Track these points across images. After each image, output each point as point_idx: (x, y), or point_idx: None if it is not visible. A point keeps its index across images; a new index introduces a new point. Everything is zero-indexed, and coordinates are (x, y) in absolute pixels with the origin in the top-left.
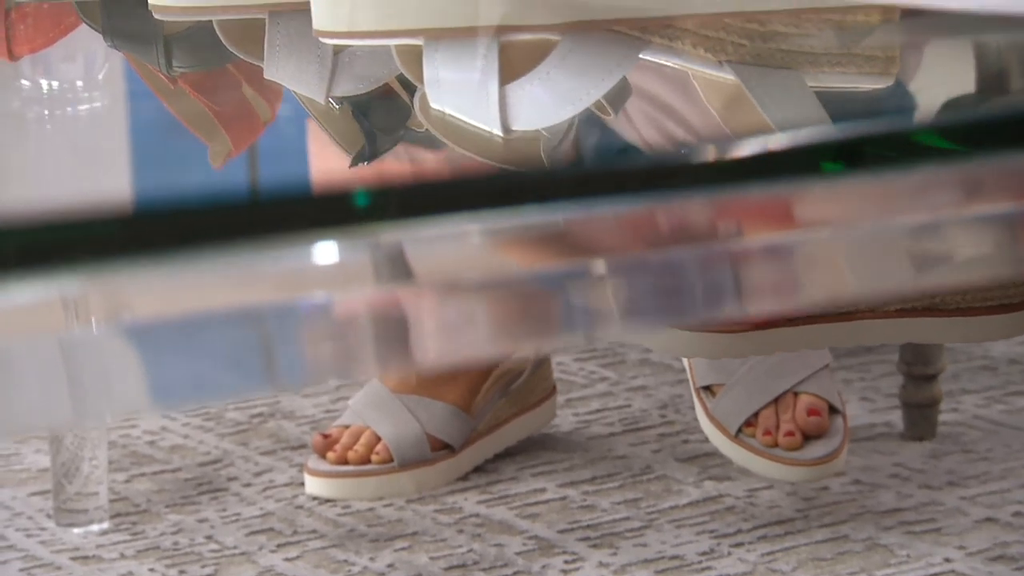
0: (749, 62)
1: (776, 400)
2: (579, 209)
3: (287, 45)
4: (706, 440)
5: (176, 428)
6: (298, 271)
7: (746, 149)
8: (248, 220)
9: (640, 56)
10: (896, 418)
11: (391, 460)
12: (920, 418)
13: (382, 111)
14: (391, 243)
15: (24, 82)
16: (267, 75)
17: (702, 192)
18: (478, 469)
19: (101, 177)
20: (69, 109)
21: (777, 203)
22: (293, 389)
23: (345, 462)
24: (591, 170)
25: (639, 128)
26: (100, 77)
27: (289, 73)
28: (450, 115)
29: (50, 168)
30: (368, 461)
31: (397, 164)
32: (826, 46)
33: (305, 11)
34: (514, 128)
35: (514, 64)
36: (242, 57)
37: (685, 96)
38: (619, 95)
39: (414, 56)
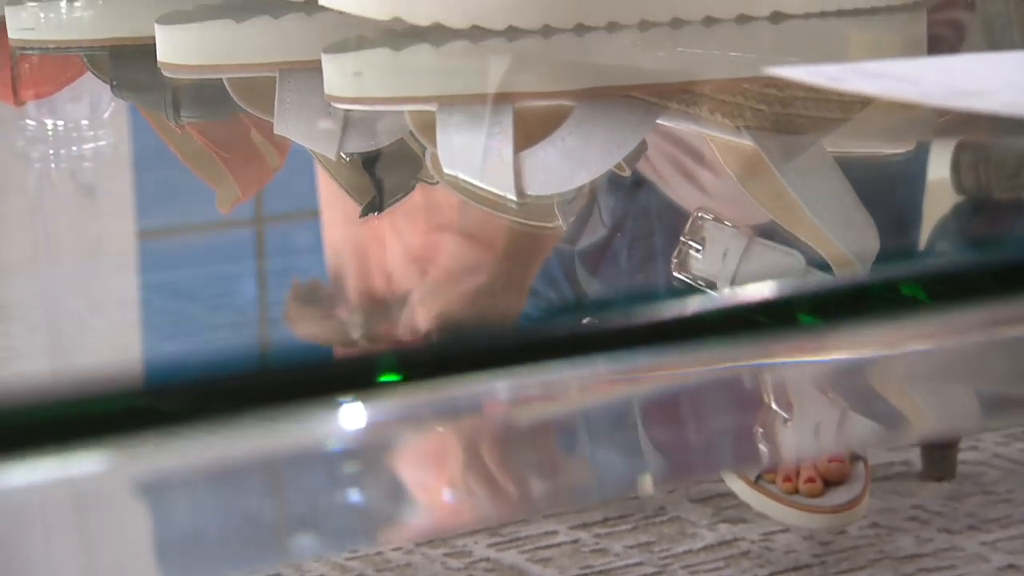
0: (767, 128)
1: None
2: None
3: (297, 102)
4: (720, 480)
5: None
6: (320, 436)
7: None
8: (267, 387)
9: (657, 121)
10: (915, 456)
11: None
12: (939, 457)
13: (393, 162)
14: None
15: (29, 122)
16: (277, 131)
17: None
18: None
19: (106, 221)
20: (75, 148)
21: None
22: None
23: None
24: (611, 326)
25: (657, 184)
26: (106, 116)
27: (299, 130)
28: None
29: (54, 214)
30: None
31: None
32: (845, 111)
33: (316, 69)
34: (529, 193)
35: (529, 130)
36: (252, 112)
37: (702, 159)
38: (635, 153)
39: (427, 119)
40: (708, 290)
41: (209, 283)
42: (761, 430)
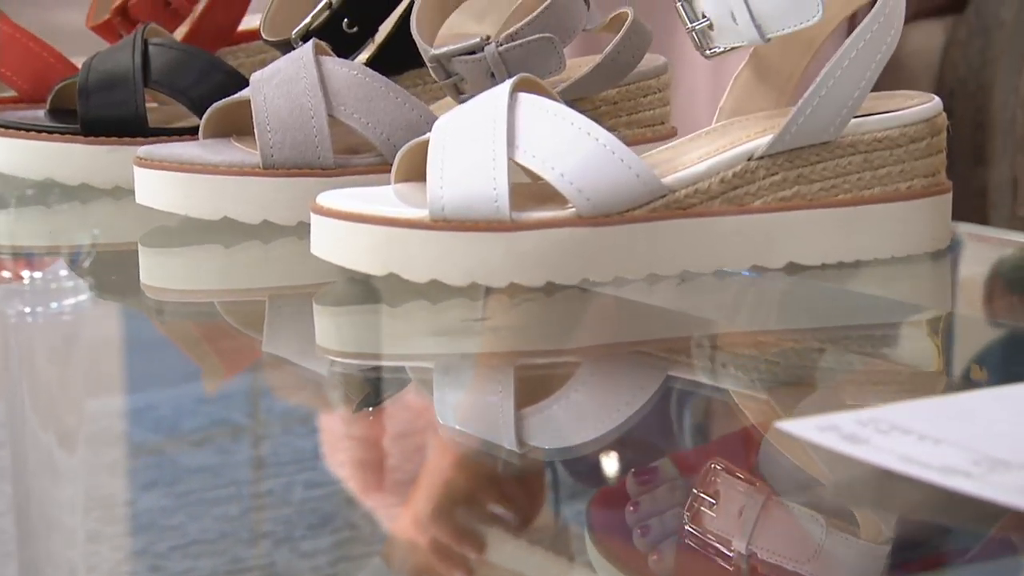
0: (782, 380)
1: None
2: None
3: (287, 325)
4: None
5: None
6: None
7: None
8: None
9: (667, 375)
10: None
11: None
12: None
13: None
14: None
15: (3, 273)
16: (266, 349)
17: None
18: None
19: (96, 400)
20: (54, 305)
21: None
22: None
23: None
24: None
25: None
26: (86, 265)
27: (290, 350)
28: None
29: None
30: None
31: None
32: (865, 364)
33: (305, 294)
34: (531, 445)
35: (532, 386)
36: (240, 329)
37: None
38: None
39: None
40: (722, 547)
41: None
42: None
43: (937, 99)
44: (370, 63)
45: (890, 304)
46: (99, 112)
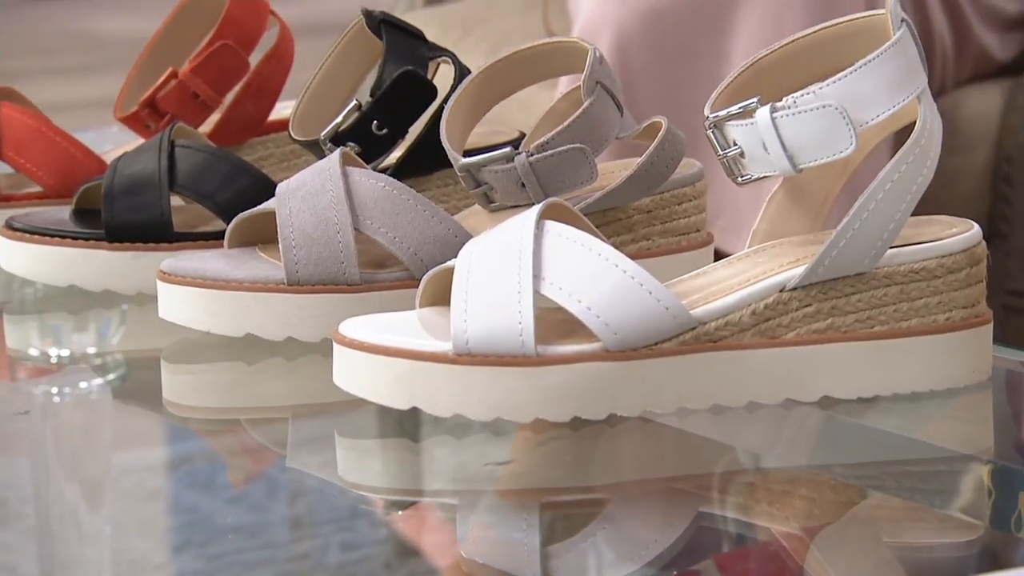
0: (817, 518)
1: None
2: None
3: (309, 443)
4: None
5: None
6: None
7: None
8: None
9: (699, 511)
10: None
11: None
12: None
13: None
14: None
15: (31, 351)
16: (289, 464)
17: None
18: None
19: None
20: (83, 385)
21: None
22: None
23: None
24: None
25: None
26: (115, 342)
27: (314, 466)
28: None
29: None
30: None
31: None
32: (905, 503)
33: (328, 413)
34: None
35: (557, 522)
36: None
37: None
38: None
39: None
40: None
41: None
42: None
43: (976, 228)
44: (400, 164)
45: (926, 444)
46: (124, 217)
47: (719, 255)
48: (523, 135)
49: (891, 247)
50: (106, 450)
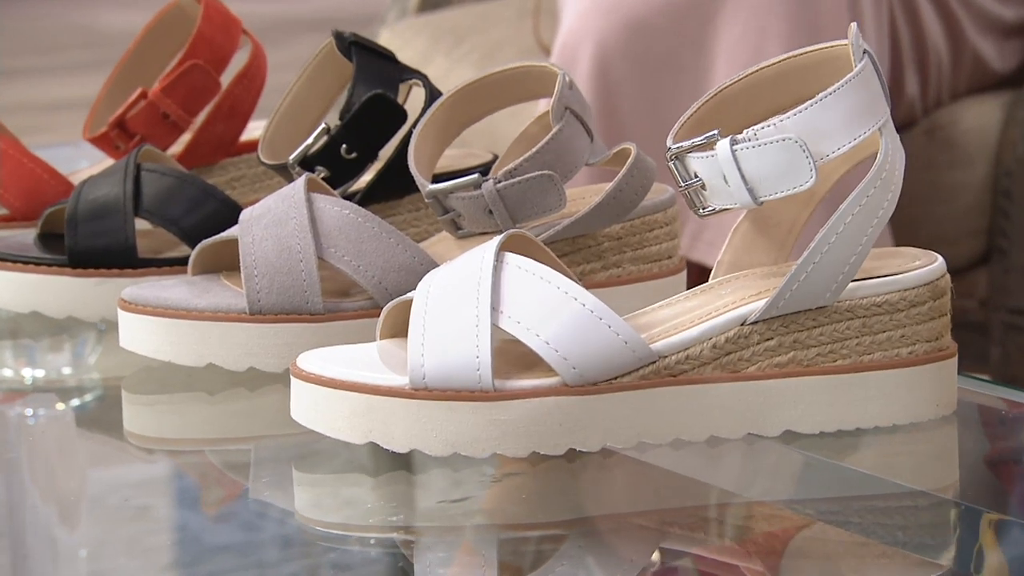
0: (779, 553)
1: None
2: None
3: (272, 472)
4: None
5: None
6: None
7: None
8: None
9: (660, 547)
10: None
11: None
12: None
13: None
14: None
15: (5, 371)
16: (253, 496)
17: None
18: None
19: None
20: (61, 406)
21: None
22: None
23: None
24: None
25: None
26: (92, 362)
27: (276, 496)
28: None
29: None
30: None
31: None
32: (868, 539)
33: (292, 442)
34: None
35: (515, 562)
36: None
37: None
38: None
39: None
40: None
41: None
42: None
43: (940, 260)
44: (371, 188)
45: (889, 481)
46: (87, 242)
47: (705, 270)
48: (496, 158)
49: (853, 280)
50: (80, 471)
